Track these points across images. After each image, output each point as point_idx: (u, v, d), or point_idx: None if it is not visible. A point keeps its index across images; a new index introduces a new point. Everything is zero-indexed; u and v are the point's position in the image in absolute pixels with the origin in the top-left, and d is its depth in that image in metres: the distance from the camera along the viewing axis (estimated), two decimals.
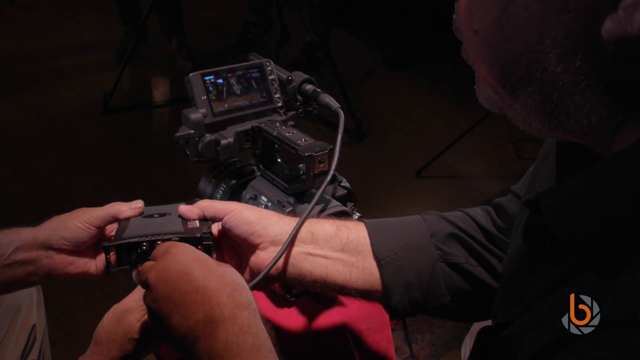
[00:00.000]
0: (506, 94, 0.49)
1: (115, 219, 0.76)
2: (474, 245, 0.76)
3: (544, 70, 0.44)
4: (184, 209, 0.76)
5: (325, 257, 0.74)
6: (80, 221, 0.74)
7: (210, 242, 0.71)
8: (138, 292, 0.71)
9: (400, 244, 0.75)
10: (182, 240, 0.70)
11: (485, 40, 0.47)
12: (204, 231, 0.72)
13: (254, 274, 0.73)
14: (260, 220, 0.72)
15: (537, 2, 0.42)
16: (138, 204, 0.77)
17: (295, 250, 0.73)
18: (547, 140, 0.66)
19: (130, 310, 0.70)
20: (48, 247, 0.74)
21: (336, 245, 0.74)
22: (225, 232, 0.75)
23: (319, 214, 0.80)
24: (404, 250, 0.75)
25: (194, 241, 0.70)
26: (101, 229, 0.76)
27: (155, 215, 0.79)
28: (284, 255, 0.71)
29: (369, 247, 0.75)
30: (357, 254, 0.75)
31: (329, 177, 0.78)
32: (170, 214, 0.80)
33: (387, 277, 0.74)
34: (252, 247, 0.73)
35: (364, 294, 0.75)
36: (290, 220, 0.74)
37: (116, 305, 0.71)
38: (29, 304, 1.02)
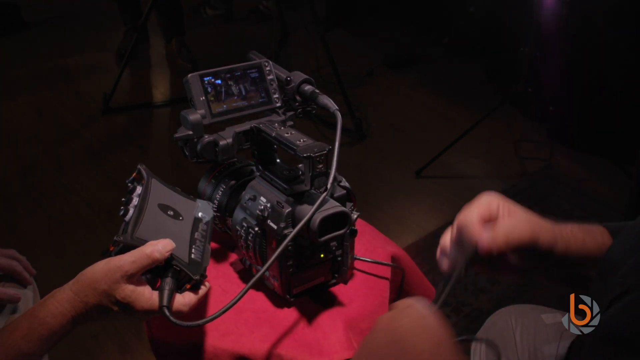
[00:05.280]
0: None
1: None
2: None
3: None
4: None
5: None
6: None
7: (198, 287, 0.77)
8: (136, 254, 0.71)
9: None
10: (180, 270, 0.74)
11: None
12: (201, 274, 0.76)
13: None
14: None
15: None
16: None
17: None
18: None
19: (122, 269, 0.70)
20: None
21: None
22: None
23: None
24: None
25: (188, 279, 0.75)
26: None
27: (170, 213, 0.80)
28: None
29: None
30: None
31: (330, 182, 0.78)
32: (182, 218, 0.81)
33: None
34: None
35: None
36: None
37: (112, 258, 0.71)
38: (26, 302, 1.02)
